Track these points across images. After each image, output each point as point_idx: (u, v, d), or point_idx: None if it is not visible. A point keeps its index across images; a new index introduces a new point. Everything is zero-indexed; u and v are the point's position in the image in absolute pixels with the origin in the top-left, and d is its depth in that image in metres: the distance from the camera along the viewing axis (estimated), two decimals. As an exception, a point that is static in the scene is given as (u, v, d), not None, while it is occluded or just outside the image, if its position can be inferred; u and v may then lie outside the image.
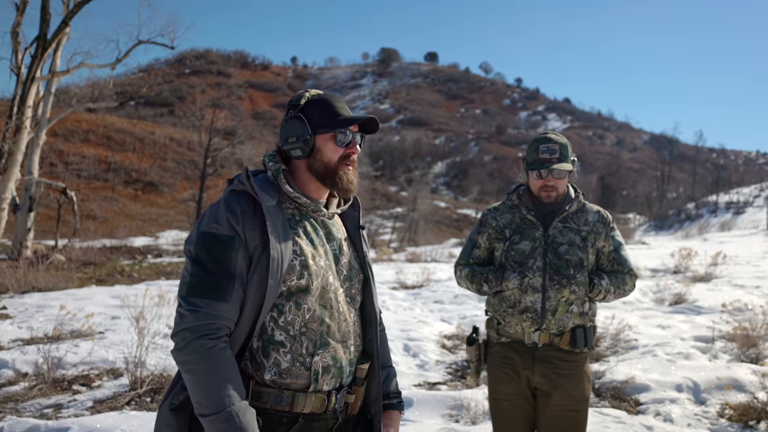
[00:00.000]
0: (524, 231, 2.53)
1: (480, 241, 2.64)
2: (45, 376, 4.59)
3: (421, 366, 5.59)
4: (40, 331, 6.14)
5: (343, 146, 1.59)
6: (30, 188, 15.33)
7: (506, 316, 2.52)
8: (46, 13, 13.96)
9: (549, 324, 2.46)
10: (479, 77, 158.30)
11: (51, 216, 24.09)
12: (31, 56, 14.04)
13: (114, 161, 41.41)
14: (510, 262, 2.51)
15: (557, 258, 2.47)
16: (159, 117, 70.32)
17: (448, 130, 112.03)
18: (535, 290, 2.46)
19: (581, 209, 2.60)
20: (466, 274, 2.60)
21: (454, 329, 7.11)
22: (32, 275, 9.84)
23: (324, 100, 1.61)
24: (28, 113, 13.94)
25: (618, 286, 2.50)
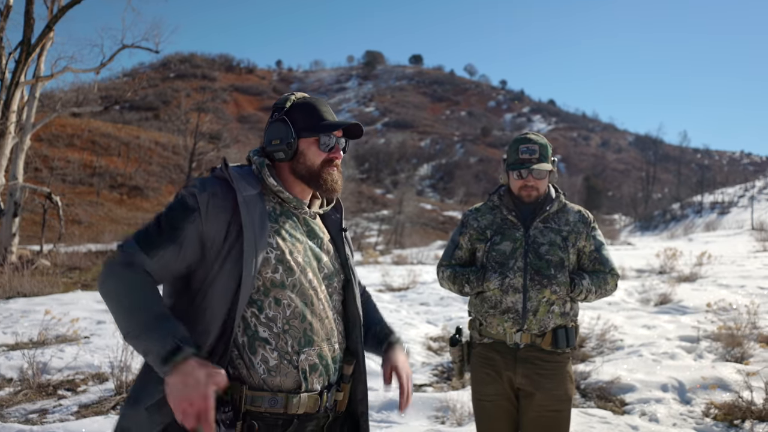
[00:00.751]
0: (505, 231, 2.55)
1: (462, 242, 2.65)
2: (30, 381, 4.57)
3: None
4: (25, 336, 6.12)
5: (327, 150, 1.63)
6: (15, 193, 15.19)
7: (488, 316, 2.53)
8: (30, 18, 13.87)
9: (530, 324, 2.46)
10: (464, 79, 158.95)
11: (36, 221, 23.85)
12: (15, 61, 13.94)
13: (99, 166, 41.04)
14: (491, 262, 2.52)
15: (538, 258, 2.47)
16: (144, 121, 69.74)
17: (434, 132, 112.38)
18: (516, 291, 2.46)
19: (562, 209, 2.61)
20: (448, 275, 2.61)
21: (439, 331, 7.13)
22: (17, 280, 9.77)
23: (309, 104, 1.64)
24: (12, 118, 13.83)
25: (599, 286, 2.51)
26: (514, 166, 2.54)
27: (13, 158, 15.18)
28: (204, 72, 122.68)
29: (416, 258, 19.96)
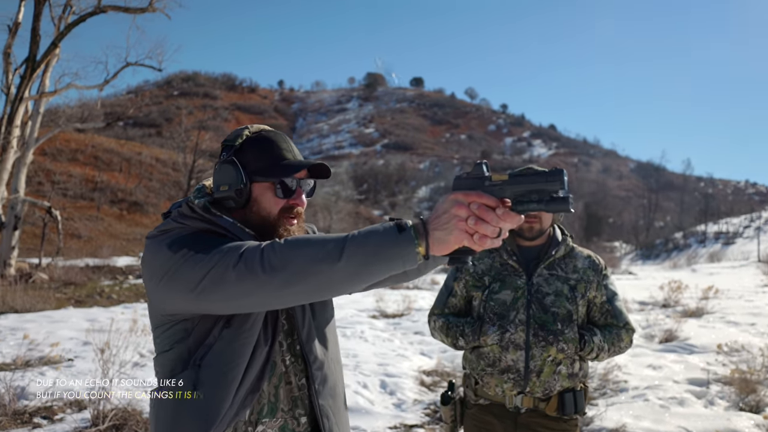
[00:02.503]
0: (505, 278, 2.28)
1: (456, 289, 2.39)
2: (6, 407, 4.40)
3: (398, 405, 5.30)
4: (9, 357, 5.97)
5: (285, 197, 1.36)
6: (16, 206, 15.15)
7: (485, 375, 2.26)
8: (36, 35, 13.98)
9: (533, 386, 2.19)
10: (465, 102, 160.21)
11: (37, 234, 23.75)
12: (21, 77, 14.03)
13: (101, 181, 41.03)
14: (489, 313, 2.25)
15: (542, 311, 2.21)
16: (147, 138, 70.01)
17: (433, 155, 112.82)
18: (517, 347, 2.20)
19: (569, 254, 2.34)
20: (440, 326, 2.35)
21: (434, 364, 6.79)
22: (10, 295, 9.67)
23: (264, 139, 1.37)
24: (15, 133, 13.87)
25: (612, 343, 2.24)
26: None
27: (15, 172, 15.18)
28: (206, 90, 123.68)
29: (412, 282, 19.78)
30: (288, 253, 1.11)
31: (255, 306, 1.18)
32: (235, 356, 1.27)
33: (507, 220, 1.05)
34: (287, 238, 1.16)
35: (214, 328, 1.28)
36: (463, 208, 1.05)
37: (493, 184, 1.09)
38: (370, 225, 1.14)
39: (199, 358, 1.28)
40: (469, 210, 1.05)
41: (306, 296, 1.13)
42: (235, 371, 1.26)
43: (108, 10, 15.09)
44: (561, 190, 1.03)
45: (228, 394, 1.26)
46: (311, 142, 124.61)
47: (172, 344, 1.31)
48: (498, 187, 1.08)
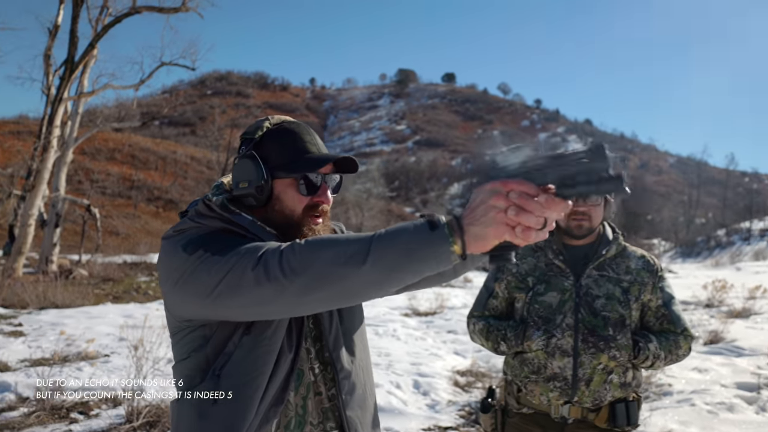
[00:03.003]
0: (550, 280, 2.14)
1: (497, 290, 2.25)
2: (44, 402, 4.48)
3: (432, 407, 5.20)
4: (49, 352, 6.10)
5: (309, 194, 1.26)
6: (57, 205, 15.55)
7: (528, 382, 2.12)
8: (74, 37, 14.28)
9: (582, 396, 2.04)
10: (497, 98, 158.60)
11: (77, 231, 24.40)
12: (60, 78, 14.36)
13: (137, 179, 42.01)
14: (533, 317, 2.11)
15: (592, 314, 2.06)
16: (181, 136, 71.46)
17: (465, 151, 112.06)
18: (564, 354, 2.05)
19: (621, 253, 2.18)
20: (480, 329, 2.22)
21: (468, 364, 6.64)
22: (51, 291, 9.91)
23: (286, 132, 1.28)
24: (56, 133, 14.21)
25: (670, 351, 2.07)
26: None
27: (56, 171, 15.57)
28: (239, 89, 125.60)
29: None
30: (308, 255, 1.01)
31: (276, 313, 1.09)
32: (257, 365, 1.18)
33: (552, 208, 0.93)
34: (309, 238, 1.06)
35: (233, 335, 1.19)
36: (501, 198, 0.93)
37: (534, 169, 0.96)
38: (401, 222, 1.03)
39: (219, 368, 1.18)
40: (508, 200, 0.93)
41: (330, 302, 1.04)
42: (257, 382, 1.17)
43: (143, 11, 15.32)
44: (609, 168, 0.89)
45: (250, 407, 1.16)
46: (342, 139, 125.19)
47: (189, 352, 1.22)
48: (539, 172, 0.96)
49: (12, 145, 21.12)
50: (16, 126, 37.35)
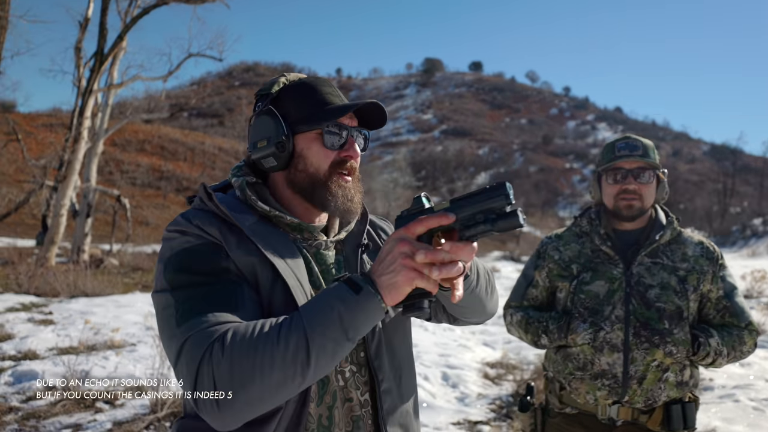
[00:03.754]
0: (597, 267, 1.96)
1: (537, 278, 2.09)
2: (70, 391, 4.53)
3: (461, 400, 5.09)
4: (77, 340, 6.21)
5: (336, 148, 1.15)
6: (88, 195, 15.90)
7: (573, 380, 1.95)
8: (103, 29, 14.51)
9: (633, 395, 1.87)
10: (525, 86, 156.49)
11: (108, 221, 24.93)
12: (90, 70, 14.63)
13: (166, 170, 42.68)
14: (578, 308, 1.94)
15: (645, 306, 1.88)
16: (209, 128, 72.21)
17: (492, 140, 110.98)
18: (614, 349, 1.88)
19: (676, 239, 1.99)
20: (519, 320, 2.07)
21: (498, 356, 6.55)
22: (81, 280, 10.14)
23: (304, 85, 1.18)
24: (86, 124, 14.50)
25: (733, 347, 1.88)
26: (608, 166, 1.97)
27: (87, 162, 15.91)
28: (266, 80, 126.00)
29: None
30: (240, 370, 0.90)
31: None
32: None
33: (459, 253, 0.92)
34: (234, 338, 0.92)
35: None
36: (406, 244, 0.92)
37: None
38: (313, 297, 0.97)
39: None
40: (412, 245, 0.92)
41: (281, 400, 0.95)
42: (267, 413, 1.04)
43: (170, 2, 15.46)
44: (507, 205, 0.92)
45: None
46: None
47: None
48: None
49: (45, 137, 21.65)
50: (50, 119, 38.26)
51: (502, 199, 0.91)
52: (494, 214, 0.92)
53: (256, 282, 1.05)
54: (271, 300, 1.05)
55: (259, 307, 1.04)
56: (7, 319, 7.22)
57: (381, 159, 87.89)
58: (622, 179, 1.95)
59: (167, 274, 1.04)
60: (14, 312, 7.93)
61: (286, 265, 1.07)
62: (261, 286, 1.05)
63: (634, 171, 1.94)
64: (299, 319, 0.93)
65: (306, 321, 0.93)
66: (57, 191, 14.31)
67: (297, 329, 0.92)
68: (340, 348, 0.94)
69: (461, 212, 0.94)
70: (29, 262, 12.12)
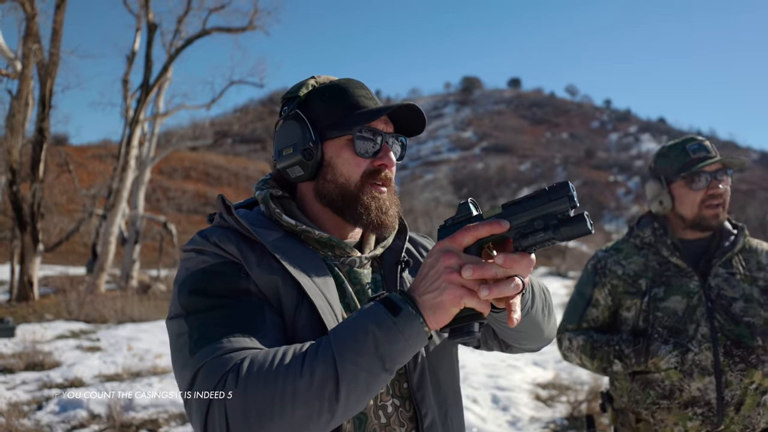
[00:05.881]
0: (670, 281, 1.77)
1: (598, 297, 1.88)
2: (114, 420, 4.51)
3: (513, 424, 4.87)
4: (122, 367, 6.23)
5: (369, 156, 1.03)
6: (135, 222, 16.31)
7: (658, 410, 1.74)
8: (149, 61, 15.02)
9: (730, 424, 1.67)
10: (565, 101, 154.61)
11: (155, 247, 25.53)
12: (137, 101, 15.12)
13: (211, 195, 43.66)
14: (657, 327, 1.74)
15: (732, 321, 1.69)
16: (253, 153, 73.87)
17: (534, 155, 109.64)
18: (704, 372, 1.67)
19: (746, 248, 1.84)
20: (581, 345, 1.84)
21: (550, 376, 6.30)
22: (128, 306, 10.31)
23: (335, 87, 1.06)
24: (133, 153, 14.94)
25: None
26: (688, 169, 1.78)
27: (134, 190, 16.35)
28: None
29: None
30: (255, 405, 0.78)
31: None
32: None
33: (514, 266, 0.79)
34: (251, 371, 0.80)
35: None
36: (452, 256, 0.80)
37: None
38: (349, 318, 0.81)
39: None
40: (459, 258, 0.80)
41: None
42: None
43: (212, 32, 15.91)
44: (571, 208, 0.79)
45: None
46: (409, 149, 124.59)
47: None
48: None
49: (95, 167, 22.44)
50: (99, 150, 39.80)
51: (565, 201, 0.78)
52: (556, 220, 0.79)
53: (279, 303, 0.94)
54: (296, 323, 0.93)
55: (282, 332, 0.92)
56: (56, 347, 7.34)
57: (422, 178, 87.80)
58: (707, 184, 1.78)
59: (181, 297, 0.93)
60: (63, 339, 8.08)
61: (313, 285, 0.95)
62: (285, 307, 0.94)
63: (717, 174, 1.78)
64: (327, 346, 0.81)
65: (335, 347, 0.81)
66: (106, 219, 14.72)
67: (324, 357, 0.80)
68: (376, 379, 0.81)
69: (516, 219, 0.81)
70: (80, 290, 12.42)
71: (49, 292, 13.93)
